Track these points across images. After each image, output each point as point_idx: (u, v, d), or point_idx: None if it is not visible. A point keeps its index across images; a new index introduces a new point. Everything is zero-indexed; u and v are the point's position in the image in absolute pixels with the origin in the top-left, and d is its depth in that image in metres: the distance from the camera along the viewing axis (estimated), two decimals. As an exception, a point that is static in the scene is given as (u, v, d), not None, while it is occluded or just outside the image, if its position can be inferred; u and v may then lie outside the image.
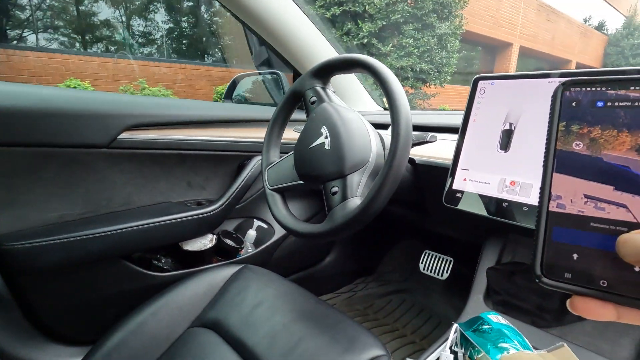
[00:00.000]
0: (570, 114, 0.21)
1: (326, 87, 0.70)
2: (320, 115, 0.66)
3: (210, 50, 6.43)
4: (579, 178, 0.20)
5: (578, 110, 0.20)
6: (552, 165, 0.20)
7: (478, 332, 0.48)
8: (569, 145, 0.20)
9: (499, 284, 0.64)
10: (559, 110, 0.21)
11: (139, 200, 0.86)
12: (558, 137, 0.21)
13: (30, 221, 0.72)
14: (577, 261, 0.19)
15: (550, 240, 0.19)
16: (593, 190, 0.19)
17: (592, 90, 0.20)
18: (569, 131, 0.20)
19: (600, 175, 0.19)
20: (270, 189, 0.73)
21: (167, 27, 6.06)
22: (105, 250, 0.76)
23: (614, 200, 0.18)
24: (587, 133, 0.20)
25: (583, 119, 0.20)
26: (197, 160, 0.91)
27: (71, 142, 0.72)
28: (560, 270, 0.19)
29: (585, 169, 0.20)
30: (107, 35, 5.56)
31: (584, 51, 13.55)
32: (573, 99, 0.21)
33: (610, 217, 0.18)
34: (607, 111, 0.20)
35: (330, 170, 0.62)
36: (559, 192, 0.20)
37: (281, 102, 0.75)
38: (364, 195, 0.60)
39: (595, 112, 0.20)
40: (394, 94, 0.56)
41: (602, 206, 0.19)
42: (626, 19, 14.02)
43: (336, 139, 0.62)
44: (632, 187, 0.18)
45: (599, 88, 0.20)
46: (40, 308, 0.75)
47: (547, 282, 0.19)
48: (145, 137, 0.81)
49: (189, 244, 0.89)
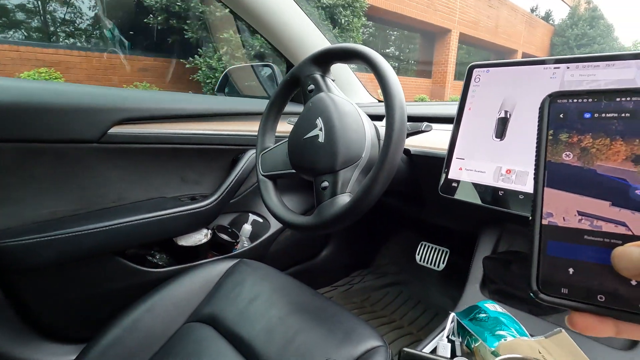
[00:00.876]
0: (559, 124, 0.20)
1: (326, 75, 0.68)
2: (316, 105, 0.65)
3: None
4: (571, 193, 0.18)
5: (566, 120, 0.19)
6: (543, 178, 0.19)
7: (475, 321, 0.48)
8: (559, 156, 0.19)
9: (495, 273, 0.64)
10: (547, 121, 0.20)
11: (132, 196, 0.84)
12: (547, 148, 0.19)
13: (22, 218, 0.70)
14: (573, 276, 0.18)
15: (545, 255, 0.19)
16: (588, 206, 0.18)
17: (580, 102, 0.19)
18: (558, 140, 0.19)
19: (595, 189, 0.18)
20: (262, 174, 0.72)
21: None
22: (98, 247, 0.75)
23: (612, 217, 0.17)
24: (577, 142, 0.19)
25: (572, 127, 0.19)
26: (190, 154, 0.90)
27: (60, 138, 0.71)
28: (556, 285, 0.18)
29: (578, 182, 0.18)
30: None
31: (530, 41, 13.05)
32: (561, 110, 0.20)
33: (605, 230, 0.17)
34: (596, 121, 0.19)
35: (322, 165, 0.61)
36: (550, 209, 0.19)
37: (279, 86, 0.74)
38: (354, 192, 0.60)
39: (584, 122, 0.19)
40: (389, 84, 0.56)
41: (598, 224, 0.18)
42: (571, 9, 14.02)
43: (331, 132, 0.61)
44: (630, 203, 0.17)
45: (587, 100, 0.19)
46: (34, 306, 0.74)
47: (544, 298, 0.18)
48: (136, 131, 0.79)
49: (183, 239, 0.88)
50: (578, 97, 0.19)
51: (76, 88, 0.76)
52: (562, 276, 0.18)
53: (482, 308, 0.50)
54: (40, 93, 0.69)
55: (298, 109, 0.72)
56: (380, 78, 0.57)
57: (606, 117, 0.18)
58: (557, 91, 0.20)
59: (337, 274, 1.32)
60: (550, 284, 0.18)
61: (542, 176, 0.19)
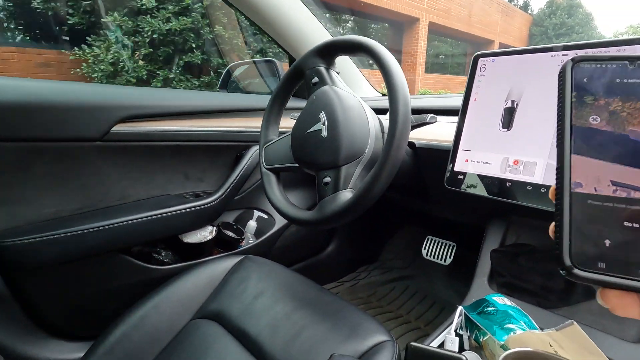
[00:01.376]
0: (583, 87, 0.18)
1: (330, 68, 0.67)
2: (320, 99, 0.64)
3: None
4: (602, 160, 0.17)
5: (591, 83, 0.18)
6: (570, 144, 0.17)
7: (483, 315, 0.47)
8: (585, 120, 0.17)
9: (503, 266, 0.63)
10: (571, 84, 0.18)
11: (136, 194, 0.84)
12: (572, 111, 0.18)
13: (25, 218, 0.71)
14: (610, 248, 0.16)
15: (577, 226, 0.17)
16: (622, 175, 0.16)
17: (604, 66, 0.18)
18: (583, 103, 0.18)
19: (630, 156, 0.16)
20: (265, 167, 0.72)
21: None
22: (102, 245, 0.75)
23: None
24: (605, 105, 0.17)
25: (598, 90, 0.18)
26: (193, 151, 0.90)
27: (63, 136, 0.71)
28: (591, 260, 0.16)
29: (609, 148, 0.17)
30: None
31: (506, 31, 12.32)
32: (584, 74, 0.18)
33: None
34: (624, 86, 0.17)
35: (324, 160, 0.61)
36: (579, 179, 0.17)
37: (282, 78, 0.73)
38: (356, 188, 0.59)
39: (612, 85, 0.17)
40: (393, 77, 0.55)
41: (636, 195, 0.16)
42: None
43: (334, 127, 0.60)
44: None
45: (611, 64, 0.18)
46: (40, 304, 0.74)
47: (579, 274, 0.16)
48: (139, 129, 0.79)
49: (188, 236, 0.88)
50: (602, 62, 0.18)
51: (78, 86, 0.76)
52: (597, 249, 0.16)
53: (490, 301, 0.49)
54: (42, 92, 0.69)
55: (301, 104, 0.71)
56: (384, 70, 0.56)
57: (634, 82, 0.17)
58: (579, 55, 0.19)
59: (343, 270, 1.32)
60: (585, 258, 0.16)
61: (569, 141, 0.17)
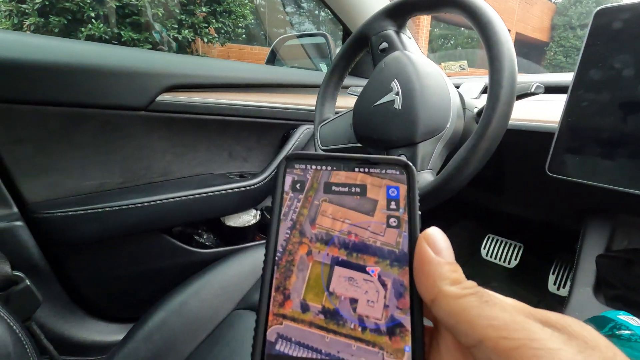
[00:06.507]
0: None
1: (401, 31, 0.58)
2: (391, 66, 0.54)
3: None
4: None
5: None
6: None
7: (616, 339, 0.36)
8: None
9: (614, 276, 0.51)
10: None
11: (178, 171, 0.79)
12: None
13: (67, 189, 0.67)
14: None
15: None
16: None
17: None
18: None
19: None
20: (322, 148, 0.64)
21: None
22: (143, 223, 0.70)
23: None
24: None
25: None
26: (239, 128, 0.83)
27: (107, 103, 0.66)
28: None
29: None
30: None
31: (524, 19, 11.10)
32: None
33: None
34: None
35: (398, 135, 0.51)
36: None
37: (343, 47, 0.64)
38: (436, 169, 0.50)
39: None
40: (495, 32, 0.44)
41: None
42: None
43: (410, 97, 0.51)
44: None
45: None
46: (79, 282, 0.71)
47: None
48: (184, 99, 0.73)
49: (231, 219, 0.82)
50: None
51: (123, 51, 0.71)
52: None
53: (618, 322, 0.38)
54: (87, 54, 0.64)
55: (360, 82, 0.62)
56: (481, 24, 0.45)
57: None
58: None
59: None
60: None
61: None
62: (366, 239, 0.17)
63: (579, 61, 0.49)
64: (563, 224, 0.64)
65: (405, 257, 0.16)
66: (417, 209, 0.17)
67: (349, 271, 0.16)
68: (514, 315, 0.13)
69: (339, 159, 0.18)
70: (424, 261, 0.15)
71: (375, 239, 0.17)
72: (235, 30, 4.68)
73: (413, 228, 0.17)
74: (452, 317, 0.14)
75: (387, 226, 0.17)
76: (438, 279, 0.15)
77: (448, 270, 0.15)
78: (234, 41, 5.15)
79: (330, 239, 0.17)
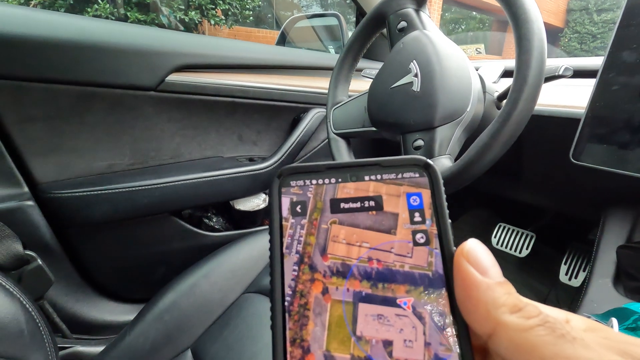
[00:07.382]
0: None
1: (421, 9, 0.55)
2: (410, 46, 0.52)
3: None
4: None
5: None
6: None
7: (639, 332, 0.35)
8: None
9: (635, 267, 0.50)
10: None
11: (188, 153, 0.78)
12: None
13: (77, 170, 0.66)
14: None
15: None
16: None
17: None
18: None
19: None
20: (334, 132, 0.62)
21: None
22: (154, 205, 0.70)
23: None
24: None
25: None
26: (249, 110, 0.82)
27: (117, 82, 0.65)
28: None
29: None
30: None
31: (539, 1, 10.39)
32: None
33: None
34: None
35: (415, 119, 0.49)
36: None
37: (359, 26, 0.61)
38: (454, 155, 0.49)
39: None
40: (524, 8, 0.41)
41: None
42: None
43: (429, 79, 0.49)
44: None
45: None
46: (90, 262, 0.71)
47: None
48: (194, 80, 0.72)
49: (241, 203, 0.82)
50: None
51: (132, 28, 0.69)
52: None
53: (643, 313, 0.37)
54: (98, 31, 0.63)
55: (375, 66, 0.59)
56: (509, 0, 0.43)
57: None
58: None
59: None
60: None
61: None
62: (391, 263, 0.14)
63: (611, 42, 0.46)
64: (582, 213, 0.63)
65: (442, 280, 0.14)
66: (447, 217, 0.14)
67: (377, 307, 0.13)
68: (603, 355, 0.10)
69: (344, 167, 0.15)
70: (470, 286, 0.13)
71: (402, 262, 0.14)
72: (242, 12, 4.60)
73: (446, 242, 0.14)
74: (518, 356, 0.11)
75: (414, 244, 0.14)
76: (492, 308, 0.12)
77: (502, 293, 0.12)
78: (241, 24, 5.09)
79: (348, 270, 0.14)
